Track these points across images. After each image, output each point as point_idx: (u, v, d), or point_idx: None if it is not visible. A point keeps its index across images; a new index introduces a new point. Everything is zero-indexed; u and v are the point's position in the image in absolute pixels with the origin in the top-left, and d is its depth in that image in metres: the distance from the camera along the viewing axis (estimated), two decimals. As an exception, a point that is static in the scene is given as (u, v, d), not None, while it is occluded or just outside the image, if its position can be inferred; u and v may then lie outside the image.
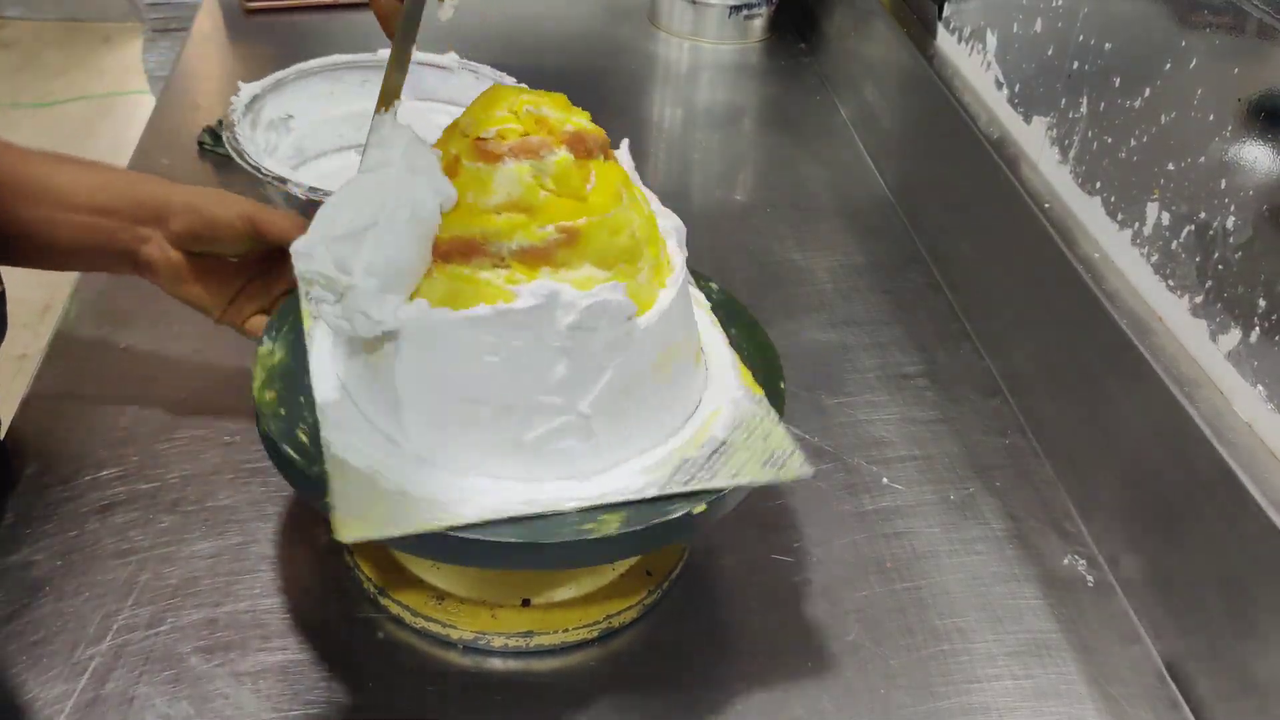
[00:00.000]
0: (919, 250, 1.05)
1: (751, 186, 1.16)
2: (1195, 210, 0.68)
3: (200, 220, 0.66)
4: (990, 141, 0.92)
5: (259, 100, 0.96)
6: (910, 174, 1.11)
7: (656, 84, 1.37)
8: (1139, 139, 0.74)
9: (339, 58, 1.02)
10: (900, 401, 0.85)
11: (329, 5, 1.39)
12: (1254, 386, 0.63)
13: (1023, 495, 0.77)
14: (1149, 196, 0.73)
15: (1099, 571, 0.72)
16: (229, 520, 0.68)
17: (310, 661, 0.61)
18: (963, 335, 0.93)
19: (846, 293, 0.97)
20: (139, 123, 1.14)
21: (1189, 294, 0.69)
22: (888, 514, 0.74)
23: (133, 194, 0.66)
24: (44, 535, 0.66)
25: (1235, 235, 0.64)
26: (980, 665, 0.65)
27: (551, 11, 1.49)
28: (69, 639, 0.60)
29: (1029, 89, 0.91)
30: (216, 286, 0.69)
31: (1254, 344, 0.63)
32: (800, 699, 0.62)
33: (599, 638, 0.64)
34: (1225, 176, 0.65)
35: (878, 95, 1.21)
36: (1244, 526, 0.59)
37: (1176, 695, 0.64)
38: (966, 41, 1.03)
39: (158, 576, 0.64)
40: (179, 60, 1.27)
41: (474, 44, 1.16)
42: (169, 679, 0.59)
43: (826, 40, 1.41)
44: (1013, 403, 0.86)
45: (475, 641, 0.62)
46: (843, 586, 0.69)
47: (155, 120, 1.12)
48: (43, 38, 3.32)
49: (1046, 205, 0.84)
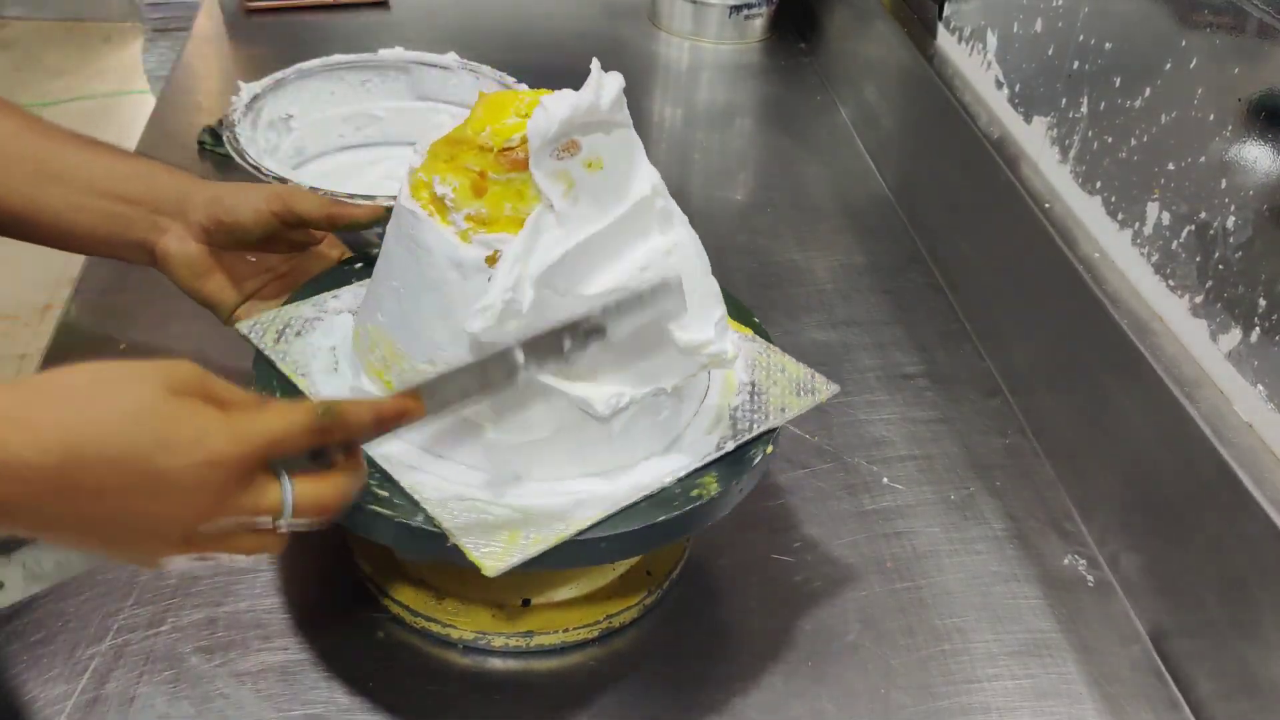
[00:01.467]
0: (919, 250, 1.04)
1: (751, 186, 1.16)
2: (1195, 210, 0.68)
3: (222, 208, 0.65)
4: (990, 141, 0.92)
5: (259, 100, 0.96)
6: (910, 174, 1.11)
7: (656, 84, 1.37)
8: (1139, 139, 0.74)
9: (339, 58, 1.02)
10: (900, 401, 0.85)
11: (329, 5, 1.39)
12: (1254, 386, 0.63)
13: (1023, 495, 0.77)
14: (1149, 196, 0.73)
15: (1099, 571, 0.72)
16: (229, 520, 0.68)
17: (310, 661, 0.61)
18: (963, 335, 0.93)
19: (846, 293, 0.97)
20: (139, 123, 1.14)
21: (1189, 294, 0.69)
22: (888, 514, 0.74)
23: (155, 183, 0.66)
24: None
25: (1235, 235, 0.64)
26: (980, 665, 0.65)
27: (551, 11, 1.49)
28: (69, 639, 0.60)
29: (1029, 89, 0.91)
30: (233, 284, 0.69)
31: (1254, 344, 0.63)
32: (800, 699, 0.62)
33: (599, 638, 0.64)
34: (1225, 176, 0.65)
35: (878, 95, 1.21)
36: (1244, 526, 0.59)
37: (1176, 695, 0.64)
38: (966, 41, 1.03)
39: (158, 576, 0.64)
40: (179, 60, 1.27)
41: (474, 44, 1.16)
42: (169, 679, 0.59)
43: (826, 40, 1.41)
44: (1013, 403, 0.86)
45: (475, 641, 0.62)
46: (843, 586, 0.69)
47: (155, 120, 1.12)
48: (43, 38, 3.32)
49: (1046, 205, 0.84)
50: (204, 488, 0.41)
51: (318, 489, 0.45)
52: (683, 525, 0.56)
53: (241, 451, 0.42)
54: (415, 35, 1.27)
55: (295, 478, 0.45)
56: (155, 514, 0.41)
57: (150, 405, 0.41)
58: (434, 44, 1.08)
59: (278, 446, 0.44)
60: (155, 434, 0.40)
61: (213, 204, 0.65)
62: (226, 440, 0.42)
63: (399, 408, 0.48)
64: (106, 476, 0.40)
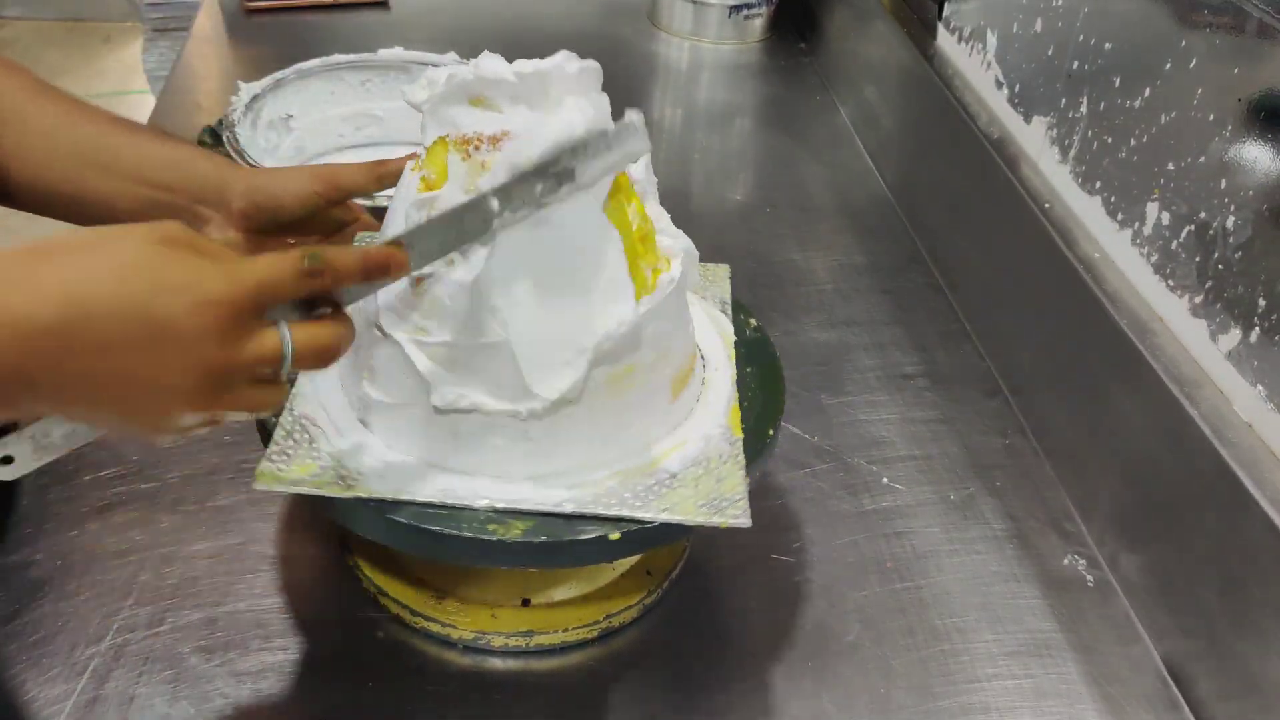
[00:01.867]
0: (919, 250, 1.04)
1: (751, 186, 1.16)
2: (1195, 210, 0.68)
3: (264, 195, 0.65)
4: (990, 141, 0.92)
5: (259, 100, 0.96)
6: (910, 174, 1.11)
7: (656, 84, 1.37)
8: (1139, 139, 0.74)
9: (339, 58, 1.02)
10: (900, 401, 0.85)
11: (329, 5, 1.39)
12: (1254, 386, 0.63)
13: (1023, 495, 0.77)
14: (1149, 196, 0.73)
15: (1099, 571, 0.72)
16: (229, 520, 0.68)
17: (310, 661, 0.61)
18: (963, 335, 0.93)
19: (846, 293, 0.97)
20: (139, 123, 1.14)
21: (1189, 294, 0.69)
22: (888, 514, 0.74)
23: (195, 170, 0.66)
24: (44, 535, 0.66)
25: (1235, 235, 0.64)
26: (980, 665, 0.65)
27: (551, 11, 1.49)
28: (69, 639, 0.60)
29: (1029, 89, 0.91)
30: None
31: (1254, 344, 0.63)
32: (800, 699, 0.62)
33: (599, 638, 0.64)
34: (1225, 176, 0.65)
35: (878, 95, 1.21)
36: (1244, 526, 0.59)
37: (1176, 695, 0.64)
38: (966, 41, 1.03)
39: (158, 576, 0.64)
40: (179, 60, 1.27)
41: (474, 44, 1.16)
42: (169, 679, 0.59)
43: (826, 40, 1.41)
44: (1013, 403, 0.86)
45: (475, 641, 0.62)
46: (843, 586, 0.69)
47: (155, 120, 1.12)
48: (43, 38, 3.32)
49: (1046, 205, 0.84)
50: (203, 332, 0.42)
51: (314, 333, 0.46)
52: (457, 547, 0.54)
53: (234, 292, 0.43)
54: (415, 35, 1.26)
55: (292, 325, 0.46)
56: (160, 365, 0.42)
57: (144, 257, 0.42)
58: (434, 44, 1.08)
59: (269, 289, 0.45)
60: (150, 281, 0.41)
61: (254, 191, 0.65)
62: (219, 281, 0.43)
63: (384, 255, 0.48)
64: (109, 329, 0.41)
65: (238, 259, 0.45)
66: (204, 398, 0.44)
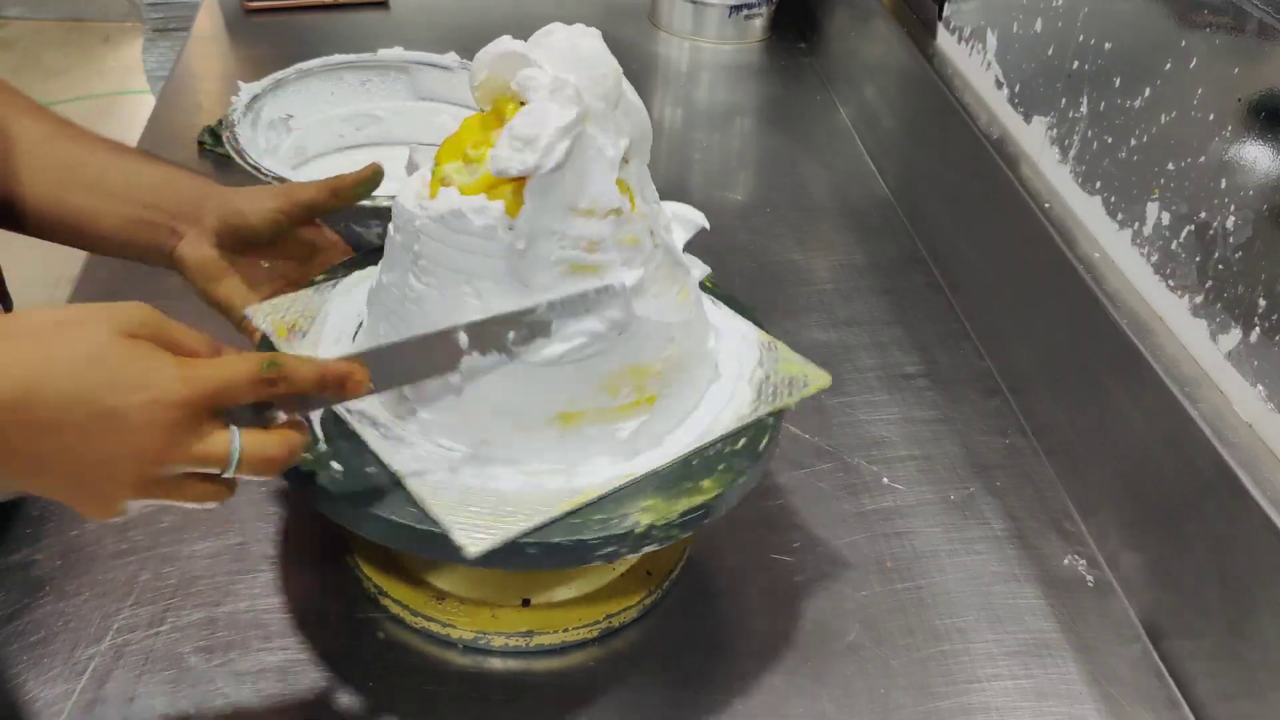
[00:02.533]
0: (919, 250, 1.04)
1: (751, 186, 1.16)
2: (1195, 210, 0.68)
3: (232, 212, 0.66)
4: (990, 141, 0.92)
5: (259, 100, 0.96)
6: (910, 174, 1.11)
7: (656, 84, 1.37)
8: (1139, 139, 0.74)
9: (339, 58, 1.02)
10: (900, 401, 0.85)
11: (329, 5, 1.39)
12: (1254, 386, 0.63)
13: (1023, 495, 0.77)
14: (1149, 196, 0.73)
15: (1099, 571, 0.72)
16: (229, 520, 0.68)
17: (310, 661, 0.61)
18: (963, 335, 0.93)
19: (846, 293, 0.97)
20: (139, 123, 1.14)
21: (1189, 294, 0.69)
22: (888, 514, 0.74)
23: (175, 189, 0.67)
24: (44, 535, 0.66)
25: (1235, 235, 0.64)
26: (980, 665, 0.65)
27: (551, 12, 1.48)
28: (69, 639, 0.60)
29: (1029, 89, 0.91)
30: (246, 288, 0.70)
31: (1254, 344, 0.63)
32: (800, 699, 0.62)
33: (599, 638, 0.64)
34: (1225, 176, 0.65)
35: (878, 95, 1.21)
36: (1244, 526, 0.59)
37: (1176, 695, 0.64)
38: (966, 41, 1.03)
39: (158, 576, 0.64)
40: (179, 60, 1.27)
41: (474, 44, 1.16)
42: (169, 679, 0.59)
43: (826, 40, 1.41)
44: (1013, 403, 0.86)
45: (475, 641, 0.62)
46: (843, 586, 0.69)
47: (155, 120, 1.12)
48: (43, 38, 3.32)
49: (1046, 205, 0.84)
50: (152, 427, 0.43)
51: (264, 442, 0.47)
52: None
53: (188, 394, 0.44)
54: (415, 35, 1.26)
55: (243, 431, 0.46)
56: (109, 452, 0.43)
57: (103, 349, 0.43)
58: (434, 44, 1.08)
59: (223, 393, 0.45)
60: (105, 375, 0.43)
61: (224, 209, 0.67)
62: (174, 381, 0.44)
63: (342, 371, 0.49)
64: (62, 413, 0.42)
65: (199, 355, 0.46)
66: (147, 487, 0.45)
